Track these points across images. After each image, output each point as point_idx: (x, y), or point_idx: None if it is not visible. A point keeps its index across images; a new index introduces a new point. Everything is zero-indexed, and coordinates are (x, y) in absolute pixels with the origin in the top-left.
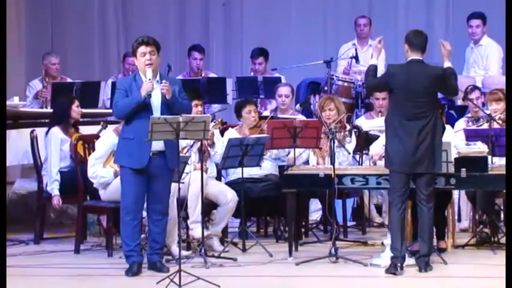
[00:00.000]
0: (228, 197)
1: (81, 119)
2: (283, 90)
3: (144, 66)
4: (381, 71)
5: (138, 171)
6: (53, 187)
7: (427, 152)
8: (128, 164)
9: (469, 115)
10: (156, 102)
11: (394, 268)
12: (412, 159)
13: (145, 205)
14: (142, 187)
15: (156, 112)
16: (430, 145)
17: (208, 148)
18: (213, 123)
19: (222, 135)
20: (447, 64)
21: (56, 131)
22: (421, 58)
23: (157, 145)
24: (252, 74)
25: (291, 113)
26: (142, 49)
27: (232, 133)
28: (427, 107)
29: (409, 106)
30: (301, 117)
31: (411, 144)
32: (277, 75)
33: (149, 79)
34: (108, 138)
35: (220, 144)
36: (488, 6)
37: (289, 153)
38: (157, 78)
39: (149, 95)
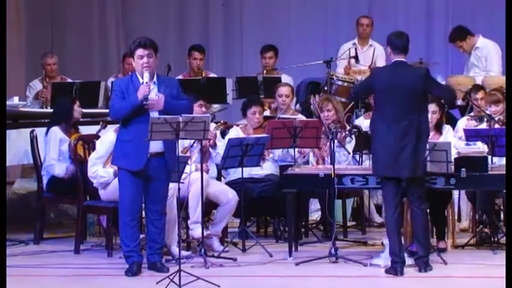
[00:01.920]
0: (229, 197)
1: (81, 119)
2: (284, 90)
3: (141, 69)
4: None
5: (136, 173)
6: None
7: (411, 155)
8: (125, 166)
9: (472, 114)
10: None
11: (395, 272)
12: (395, 163)
13: (143, 205)
14: (139, 189)
15: (154, 113)
16: (414, 148)
17: (210, 149)
18: (215, 125)
19: (223, 137)
20: None
21: (56, 130)
22: (404, 60)
23: (155, 146)
24: (264, 70)
25: (291, 113)
26: (140, 52)
27: (236, 131)
28: (411, 109)
29: (392, 108)
30: (301, 117)
31: (395, 147)
32: (284, 75)
33: (146, 82)
34: (108, 138)
35: (222, 146)
36: (488, 6)
37: (293, 155)
38: (155, 79)
39: (146, 99)
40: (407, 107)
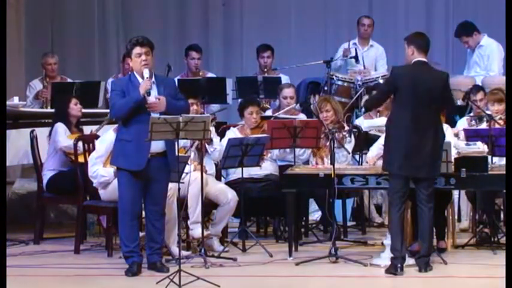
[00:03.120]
0: (229, 197)
1: (81, 119)
2: (288, 92)
3: (140, 67)
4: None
5: (136, 173)
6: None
7: (428, 156)
8: (125, 167)
9: (471, 114)
10: None
11: (394, 269)
12: (413, 163)
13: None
14: (139, 189)
15: (154, 112)
16: (431, 149)
17: (206, 145)
18: None
19: (219, 134)
20: None
21: (61, 124)
22: (426, 60)
23: (156, 146)
24: (265, 69)
25: (293, 113)
26: (137, 50)
27: (234, 132)
28: (431, 110)
29: (413, 108)
30: (302, 116)
31: (413, 147)
32: (281, 74)
33: (147, 77)
34: (108, 138)
35: (217, 141)
36: (489, 6)
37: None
38: (153, 79)
39: (148, 93)
40: (428, 107)
